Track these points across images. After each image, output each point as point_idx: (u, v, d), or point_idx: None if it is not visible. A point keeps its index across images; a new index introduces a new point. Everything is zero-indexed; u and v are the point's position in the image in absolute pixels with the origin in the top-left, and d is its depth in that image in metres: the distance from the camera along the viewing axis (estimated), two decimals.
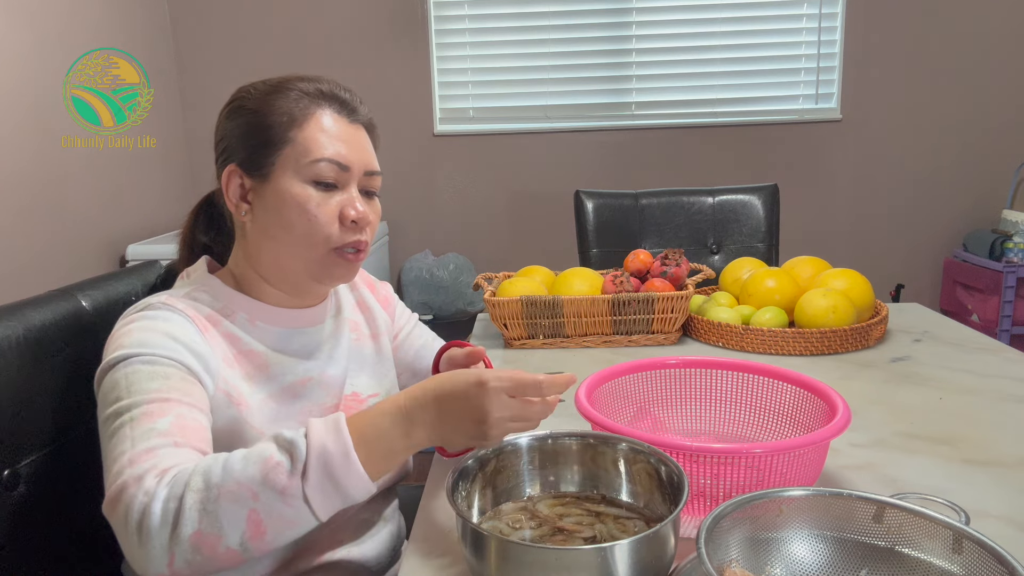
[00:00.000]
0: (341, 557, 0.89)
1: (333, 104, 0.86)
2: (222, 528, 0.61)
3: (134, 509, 0.61)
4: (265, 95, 0.85)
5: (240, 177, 0.84)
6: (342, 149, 0.83)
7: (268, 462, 0.63)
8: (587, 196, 2.10)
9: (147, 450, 0.66)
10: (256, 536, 0.62)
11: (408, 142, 3.06)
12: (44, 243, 2.17)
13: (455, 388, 0.69)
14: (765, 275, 1.50)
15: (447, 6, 2.99)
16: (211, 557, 0.61)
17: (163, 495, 0.62)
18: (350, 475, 0.64)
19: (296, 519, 0.63)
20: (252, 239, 0.86)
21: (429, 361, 1.06)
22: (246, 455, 0.64)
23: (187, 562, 0.61)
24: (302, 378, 0.87)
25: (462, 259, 3.04)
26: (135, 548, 0.62)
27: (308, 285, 0.89)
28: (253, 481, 0.62)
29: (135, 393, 0.71)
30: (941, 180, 3.08)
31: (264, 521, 0.62)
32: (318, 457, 0.64)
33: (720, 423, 0.96)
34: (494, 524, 0.74)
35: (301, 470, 0.63)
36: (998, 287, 2.83)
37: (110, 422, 0.70)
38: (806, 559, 0.65)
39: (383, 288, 1.08)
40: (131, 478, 0.63)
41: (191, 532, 0.61)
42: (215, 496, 0.61)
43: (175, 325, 0.78)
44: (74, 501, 0.88)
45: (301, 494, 0.63)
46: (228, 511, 0.61)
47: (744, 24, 2.99)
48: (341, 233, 0.84)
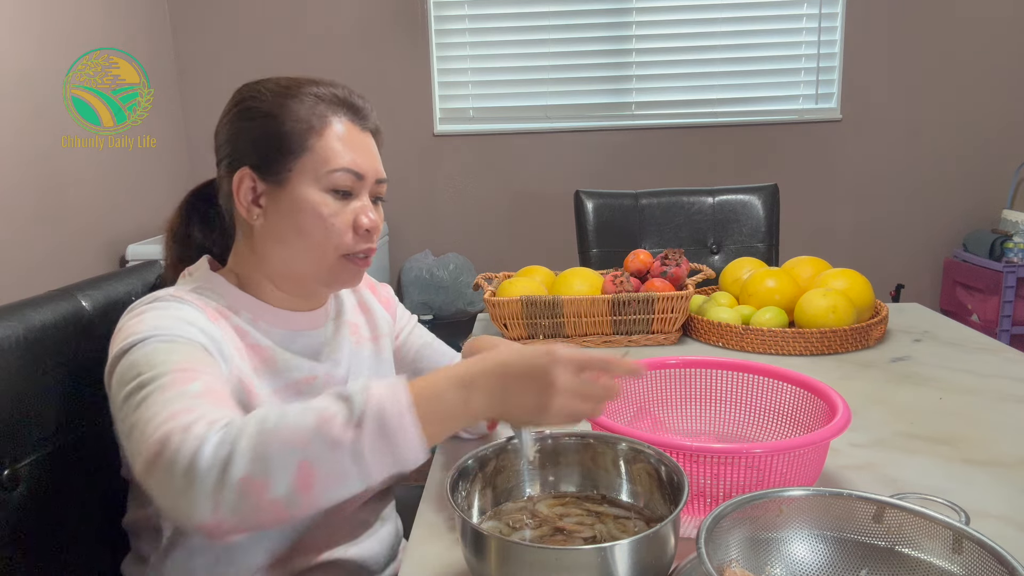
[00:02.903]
0: (339, 557, 0.89)
1: (348, 111, 0.86)
2: (271, 474, 0.59)
3: (183, 453, 0.60)
4: (279, 98, 0.84)
5: (253, 180, 0.84)
6: (358, 158, 0.84)
7: (324, 413, 0.62)
8: (587, 196, 2.10)
9: (186, 408, 0.64)
10: (303, 487, 0.60)
11: (408, 142, 3.06)
12: (44, 243, 2.17)
13: (523, 357, 0.67)
14: (765, 275, 1.50)
15: (447, 6, 2.99)
16: (257, 506, 0.59)
17: (215, 439, 0.60)
18: (405, 435, 0.62)
19: (345, 474, 0.61)
20: (261, 242, 0.86)
21: (430, 361, 1.06)
22: (304, 406, 0.63)
23: (232, 509, 0.59)
24: (308, 375, 0.87)
25: (462, 259, 3.04)
26: (180, 495, 0.60)
27: (314, 288, 0.89)
28: (307, 429, 0.61)
29: (157, 366, 0.69)
30: (941, 180, 3.08)
31: (314, 472, 0.60)
32: (375, 412, 0.62)
33: (720, 423, 0.96)
34: (494, 524, 0.74)
35: (355, 422, 0.61)
36: (998, 287, 2.83)
37: (133, 396, 0.68)
38: (806, 559, 0.65)
39: (384, 290, 1.08)
40: (177, 427, 0.61)
41: (240, 476, 0.59)
42: (267, 441, 0.60)
43: (187, 312, 0.78)
44: (74, 501, 0.88)
45: (352, 448, 0.60)
46: (279, 457, 0.59)
47: (744, 24, 2.99)
48: (354, 241, 0.84)
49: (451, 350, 1.11)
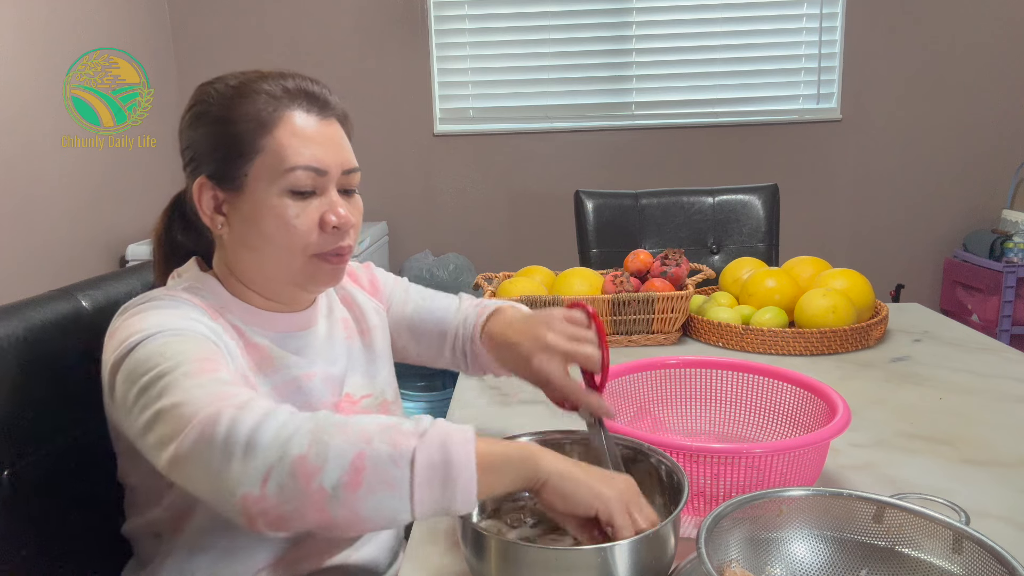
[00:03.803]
0: (339, 563, 0.88)
1: (302, 102, 0.80)
2: (326, 460, 0.59)
3: (244, 424, 0.59)
4: (229, 99, 0.79)
5: (212, 189, 0.80)
6: (317, 152, 0.79)
7: (390, 421, 0.63)
8: (587, 196, 2.10)
9: (230, 392, 0.63)
10: (352, 484, 0.58)
11: (408, 142, 3.06)
12: (44, 243, 2.17)
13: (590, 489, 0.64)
14: (765, 275, 1.50)
15: (447, 6, 2.99)
16: (303, 490, 0.58)
17: (281, 418, 0.60)
18: (464, 466, 0.60)
19: (393, 483, 0.59)
20: (231, 249, 0.83)
21: (427, 317, 1.01)
22: (372, 416, 0.64)
23: (280, 486, 0.58)
24: (306, 372, 0.86)
25: (462, 259, 3.04)
26: (231, 465, 0.59)
27: (292, 292, 0.86)
28: (372, 429, 0.61)
29: (174, 356, 0.67)
30: (941, 180, 3.08)
31: (367, 469, 0.59)
32: (439, 433, 0.61)
33: (720, 423, 0.97)
34: (493, 522, 0.74)
35: (420, 433, 0.61)
36: (998, 287, 2.83)
37: (153, 385, 0.65)
38: (806, 559, 0.65)
39: (364, 273, 1.03)
40: (228, 405, 0.61)
41: (297, 454, 0.58)
42: (331, 429, 0.60)
43: (187, 309, 0.76)
44: (74, 501, 0.88)
45: (410, 457, 0.59)
46: (338, 446, 0.59)
47: (744, 24, 2.99)
48: (322, 240, 0.80)
49: (448, 300, 1.04)
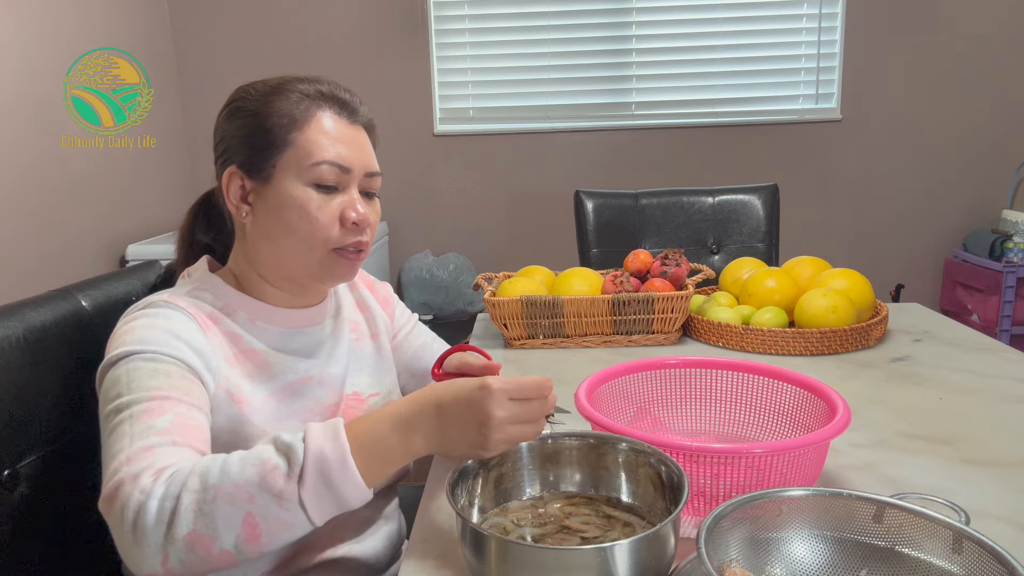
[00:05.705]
0: (342, 555, 0.89)
1: (333, 105, 0.86)
2: (217, 529, 0.61)
3: (130, 507, 0.62)
4: (265, 96, 0.85)
5: (241, 179, 0.85)
6: (343, 151, 0.84)
7: (265, 465, 0.63)
8: (587, 196, 2.10)
9: (145, 448, 0.66)
10: (251, 539, 0.62)
11: (408, 142, 3.06)
12: (44, 243, 2.17)
13: (458, 393, 0.68)
14: (765, 275, 1.50)
15: (447, 6, 2.99)
16: (205, 558, 0.62)
17: (159, 493, 0.62)
18: (347, 481, 0.64)
19: (291, 523, 0.63)
20: (252, 240, 0.87)
21: (427, 362, 1.06)
22: (244, 457, 0.65)
23: (181, 561, 0.61)
24: (303, 376, 0.88)
25: (462, 259, 3.04)
26: (130, 546, 0.62)
27: (308, 284, 0.89)
28: (250, 484, 0.62)
29: (136, 390, 0.71)
30: (941, 180, 3.08)
31: (260, 524, 0.62)
32: (315, 462, 0.64)
33: (720, 423, 0.96)
34: (499, 520, 0.74)
35: (298, 474, 0.63)
36: (998, 287, 2.83)
37: (110, 418, 0.70)
38: (806, 559, 0.65)
39: (383, 288, 1.08)
40: (127, 476, 0.63)
41: (186, 532, 0.61)
42: (212, 497, 0.62)
43: (177, 323, 0.79)
44: (74, 501, 0.88)
45: (297, 499, 0.63)
46: (224, 513, 0.61)
47: (744, 24, 2.99)
48: (342, 235, 0.84)
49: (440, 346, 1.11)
